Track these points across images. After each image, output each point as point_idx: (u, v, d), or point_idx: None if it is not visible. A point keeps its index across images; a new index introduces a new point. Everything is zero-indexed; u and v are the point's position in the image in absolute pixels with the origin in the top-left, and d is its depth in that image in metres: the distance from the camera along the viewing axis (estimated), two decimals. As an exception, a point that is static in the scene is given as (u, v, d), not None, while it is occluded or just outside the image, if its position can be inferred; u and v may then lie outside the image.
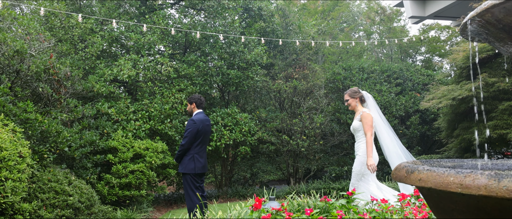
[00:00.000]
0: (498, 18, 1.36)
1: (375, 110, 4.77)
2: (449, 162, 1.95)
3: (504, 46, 1.49)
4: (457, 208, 1.18)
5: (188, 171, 4.94)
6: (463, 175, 1.06)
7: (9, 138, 3.75)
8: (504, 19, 1.35)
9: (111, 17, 7.65)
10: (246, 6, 9.25)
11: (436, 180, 1.15)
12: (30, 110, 4.60)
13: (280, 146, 8.77)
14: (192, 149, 4.99)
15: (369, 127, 4.46)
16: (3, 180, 3.47)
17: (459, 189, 1.05)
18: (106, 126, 6.37)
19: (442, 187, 1.11)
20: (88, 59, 7.07)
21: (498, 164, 1.95)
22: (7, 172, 3.50)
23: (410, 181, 1.28)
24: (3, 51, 4.81)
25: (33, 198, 4.29)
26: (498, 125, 6.21)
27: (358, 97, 4.75)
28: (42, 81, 5.31)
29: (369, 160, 4.34)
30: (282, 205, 2.29)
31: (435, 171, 1.17)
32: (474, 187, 1.01)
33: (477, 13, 1.40)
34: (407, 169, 1.35)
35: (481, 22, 1.43)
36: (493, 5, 1.31)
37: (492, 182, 0.98)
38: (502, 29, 1.39)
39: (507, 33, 1.40)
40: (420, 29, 15.42)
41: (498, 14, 1.35)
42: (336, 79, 9.77)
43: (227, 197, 8.33)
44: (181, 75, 7.70)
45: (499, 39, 1.47)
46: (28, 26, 5.87)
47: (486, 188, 0.99)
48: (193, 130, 4.95)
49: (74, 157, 5.43)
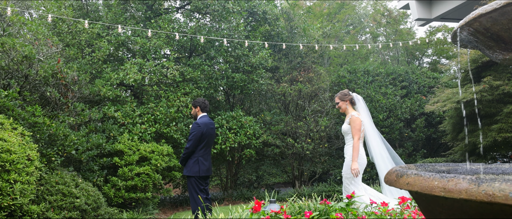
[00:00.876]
0: (486, 27, 1.40)
1: (365, 113, 4.77)
2: (444, 166, 1.99)
3: (493, 53, 1.53)
4: (443, 210, 1.23)
5: (193, 174, 5.01)
6: (446, 180, 1.10)
7: (18, 142, 3.84)
8: (492, 28, 1.39)
9: (117, 21, 7.76)
10: (251, 10, 9.32)
11: (422, 184, 1.19)
12: (38, 114, 4.70)
13: (285, 149, 8.81)
14: (197, 152, 5.06)
15: (357, 131, 4.46)
16: (12, 182, 3.56)
17: (442, 193, 1.09)
18: (112, 129, 6.47)
19: (427, 191, 1.16)
20: (95, 63, 7.18)
21: (492, 168, 1.99)
22: (16, 175, 3.59)
23: (399, 185, 1.33)
24: (12, 56, 4.92)
25: (41, 200, 4.38)
26: (503, 128, 6.20)
27: (348, 99, 4.74)
28: (50, 85, 5.42)
29: (353, 164, 4.37)
30: (281, 207, 2.34)
31: (421, 176, 1.22)
32: (456, 191, 1.06)
33: (465, 22, 1.45)
34: (397, 173, 1.39)
35: (470, 30, 1.48)
36: (480, 14, 1.36)
37: (472, 186, 1.02)
38: (490, 37, 1.44)
39: (495, 41, 1.44)
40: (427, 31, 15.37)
41: (485, 23, 1.39)
42: (341, 82, 9.80)
43: (233, 199, 8.39)
44: (187, 78, 7.78)
45: (488, 47, 1.51)
46: (37, 31, 6.00)
47: (466, 192, 1.03)
48: (198, 133, 5.01)
49: (81, 160, 5.53)
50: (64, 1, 7.40)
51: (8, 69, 4.98)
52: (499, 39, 1.41)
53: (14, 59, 4.94)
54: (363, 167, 4.50)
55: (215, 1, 8.15)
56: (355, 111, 4.67)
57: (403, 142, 9.96)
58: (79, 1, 8.11)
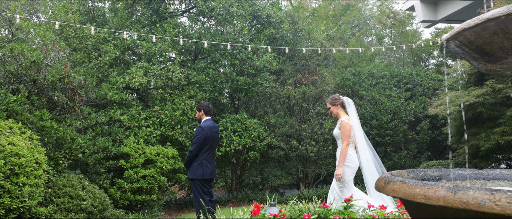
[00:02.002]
0: (470, 40, 1.47)
1: (355, 117, 4.82)
2: (436, 171, 2.05)
3: (479, 65, 1.59)
4: (427, 216, 1.29)
5: (197, 176, 5.09)
6: (427, 187, 1.17)
7: (26, 146, 3.95)
8: (476, 41, 1.45)
9: (123, 25, 7.89)
10: (255, 13, 9.41)
11: (406, 191, 1.26)
12: (46, 118, 4.81)
13: (289, 151, 8.87)
14: (201, 155, 5.14)
15: (346, 137, 4.50)
16: (21, 185, 3.66)
17: (423, 200, 1.16)
18: (118, 132, 6.58)
19: (410, 198, 1.22)
20: (101, 67, 7.30)
21: (483, 174, 2.04)
22: (25, 178, 3.70)
23: (386, 191, 1.39)
24: (21, 61, 5.05)
25: (49, 202, 4.49)
26: (506, 132, 6.21)
27: (338, 103, 4.78)
28: (57, 89, 5.54)
29: (338, 170, 4.42)
30: (280, 211, 2.41)
31: (405, 183, 1.29)
32: (435, 198, 1.12)
33: (451, 35, 1.51)
34: (385, 180, 1.46)
35: (456, 43, 1.54)
36: (464, 29, 1.42)
37: (449, 194, 1.09)
38: (474, 50, 1.50)
39: (479, 54, 1.50)
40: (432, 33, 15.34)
41: (469, 36, 1.45)
42: (345, 84, 9.84)
43: (237, 201, 8.46)
44: (192, 82, 7.88)
45: (474, 59, 1.57)
46: (44, 36, 6.13)
47: (444, 199, 1.10)
48: (201, 136, 5.10)
49: (88, 162, 5.64)
50: (72, 6, 7.53)
51: (16, 74, 5.10)
52: (482, 52, 1.47)
53: (22, 64, 5.07)
54: (354, 170, 4.57)
55: (219, 5, 8.25)
56: (346, 116, 4.71)
57: (408, 144, 9.97)
58: (86, 6, 8.25)
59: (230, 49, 8.15)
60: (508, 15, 1.24)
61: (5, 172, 3.57)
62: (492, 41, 1.38)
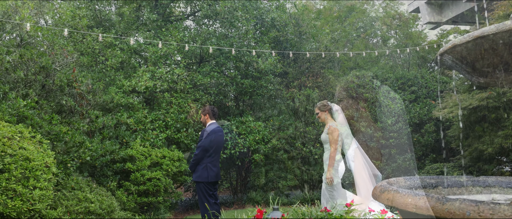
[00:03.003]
0: (462, 55, 1.53)
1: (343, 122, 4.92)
2: (433, 179, 2.11)
3: (472, 78, 1.65)
4: (419, 224, 1.36)
5: (202, 179, 5.18)
6: (418, 198, 1.24)
7: (36, 150, 4.06)
8: (468, 57, 1.52)
9: (130, 29, 8.00)
10: (260, 16, 9.48)
11: (399, 200, 1.33)
12: (55, 122, 4.93)
13: (293, 153, 8.93)
14: (206, 158, 5.23)
15: (334, 141, 4.61)
16: (31, 188, 3.77)
17: (414, 209, 1.23)
18: (125, 135, 6.68)
19: (402, 207, 1.29)
20: (108, 71, 7.42)
21: (479, 181, 2.10)
22: (35, 181, 3.81)
23: (381, 200, 1.46)
24: (30, 67, 5.17)
25: (58, 205, 4.59)
26: (509, 135, 6.24)
27: (326, 110, 4.90)
28: (66, 94, 5.66)
29: (328, 173, 4.53)
30: (282, 215, 2.48)
31: (399, 192, 1.36)
32: (425, 208, 1.19)
33: (444, 50, 1.58)
34: (381, 189, 1.53)
35: (449, 57, 1.61)
36: (455, 44, 1.49)
37: (438, 204, 1.16)
38: (467, 64, 1.56)
39: (472, 68, 1.56)
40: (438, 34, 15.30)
41: (462, 52, 1.52)
42: (349, 87, 9.88)
43: (242, 203, 8.54)
44: (197, 85, 7.98)
45: (467, 72, 1.64)
46: (53, 41, 6.25)
47: (433, 209, 1.17)
48: (206, 140, 5.18)
49: (96, 165, 5.74)
50: (79, 11, 7.65)
51: (26, 79, 5.22)
52: (473, 67, 1.53)
53: (31, 69, 5.18)
54: (341, 174, 4.67)
55: (224, 9, 8.34)
56: (334, 122, 4.81)
57: (412, 147, 9.99)
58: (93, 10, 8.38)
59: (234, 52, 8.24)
60: (495, 34, 1.30)
61: (17, 176, 3.68)
62: (483, 57, 1.44)
